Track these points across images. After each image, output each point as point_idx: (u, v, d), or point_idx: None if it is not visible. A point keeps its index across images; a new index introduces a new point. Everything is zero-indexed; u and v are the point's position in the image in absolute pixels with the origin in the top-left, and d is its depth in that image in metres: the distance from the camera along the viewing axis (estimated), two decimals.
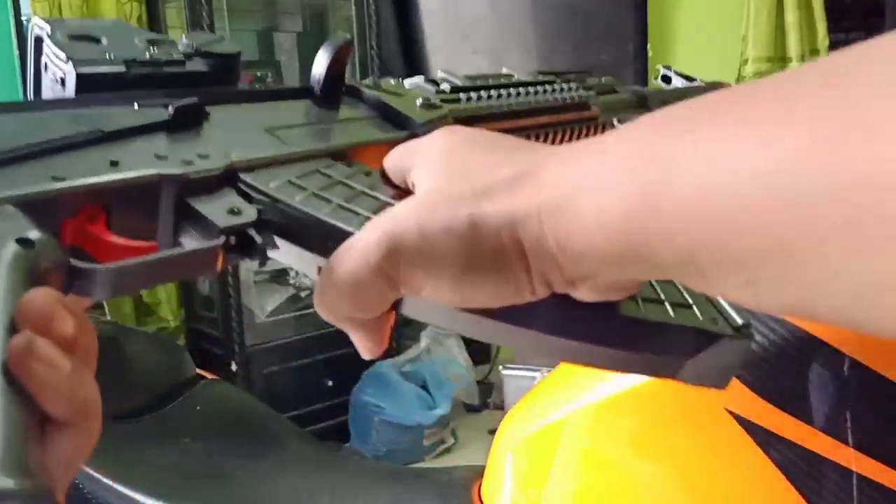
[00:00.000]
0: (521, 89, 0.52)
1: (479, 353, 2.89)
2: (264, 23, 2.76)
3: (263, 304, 2.44)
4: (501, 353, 2.98)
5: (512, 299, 0.29)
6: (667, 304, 0.31)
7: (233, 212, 0.31)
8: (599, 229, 0.26)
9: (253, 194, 0.32)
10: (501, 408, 2.67)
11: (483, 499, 0.58)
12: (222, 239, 0.30)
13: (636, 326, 0.30)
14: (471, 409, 2.72)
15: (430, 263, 0.28)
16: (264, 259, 0.31)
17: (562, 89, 0.54)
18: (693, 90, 0.81)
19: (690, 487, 0.44)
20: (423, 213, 0.29)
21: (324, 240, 0.31)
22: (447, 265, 0.28)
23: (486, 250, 0.28)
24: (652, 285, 0.31)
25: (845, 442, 0.40)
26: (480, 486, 0.60)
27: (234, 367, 2.28)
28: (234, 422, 0.89)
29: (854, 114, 0.20)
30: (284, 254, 0.32)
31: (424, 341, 2.60)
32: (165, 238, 0.31)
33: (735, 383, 0.43)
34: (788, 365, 0.42)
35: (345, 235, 0.30)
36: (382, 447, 2.31)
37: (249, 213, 0.31)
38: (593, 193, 0.26)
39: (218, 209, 0.31)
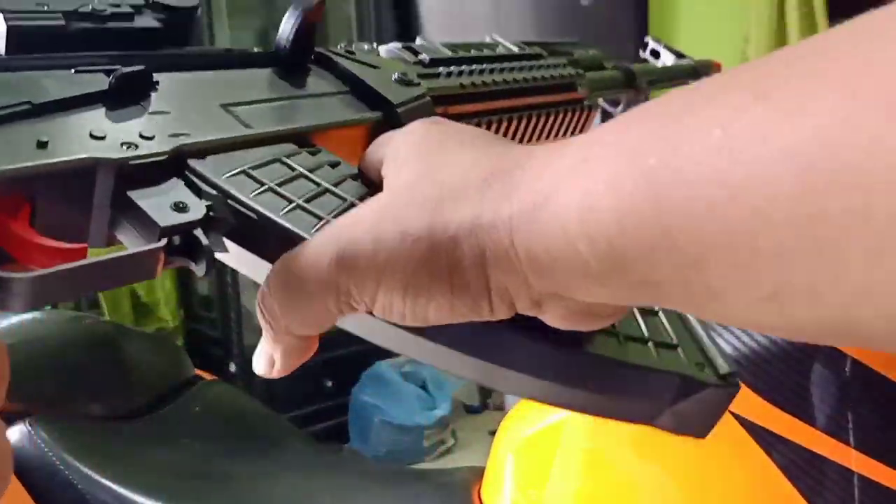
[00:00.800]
0: (506, 64, 0.47)
1: None
2: (263, 22, 2.76)
3: None
4: None
5: (467, 317, 0.25)
6: (649, 344, 0.27)
7: (178, 207, 0.26)
8: (583, 232, 0.21)
9: (203, 186, 0.28)
10: (501, 409, 2.67)
11: (483, 500, 0.58)
12: (164, 242, 0.26)
13: (610, 367, 0.26)
14: (471, 409, 2.72)
15: (381, 274, 0.25)
16: (211, 264, 0.27)
17: (548, 65, 0.51)
18: (682, 68, 0.79)
19: (691, 488, 0.44)
20: (380, 218, 0.26)
21: (279, 246, 0.27)
22: (398, 275, 0.25)
23: (441, 260, 0.24)
24: (633, 314, 0.27)
25: (846, 442, 0.40)
26: (481, 487, 0.60)
27: (232, 367, 2.27)
28: (233, 423, 0.88)
29: None
30: (234, 259, 0.28)
31: None
32: (98, 237, 0.28)
33: None
34: (790, 365, 0.42)
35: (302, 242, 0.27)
36: (382, 448, 2.31)
37: (197, 209, 0.27)
38: (578, 189, 0.22)
39: (161, 204, 0.26)
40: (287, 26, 0.36)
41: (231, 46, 1.45)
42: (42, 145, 0.26)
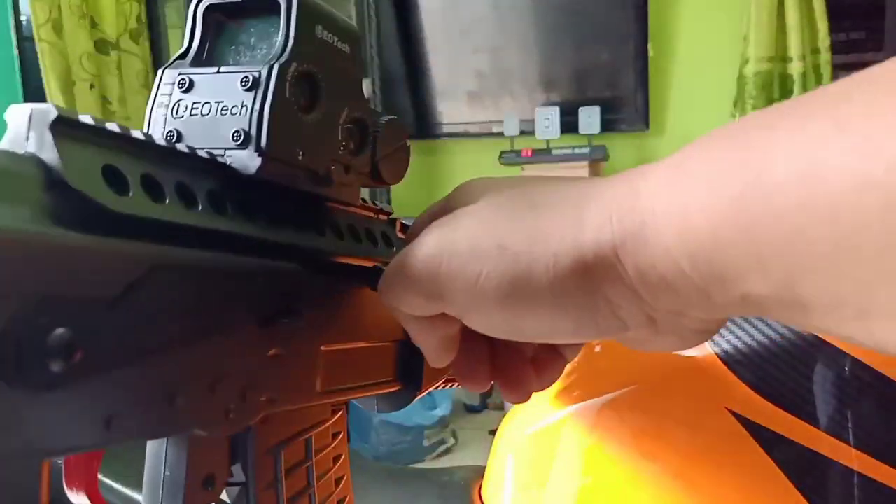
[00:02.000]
0: None
1: None
2: None
3: None
4: None
5: (570, 337, 0.26)
6: None
7: None
8: (685, 252, 0.22)
9: None
10: (501, 408, 2.67)
11: (483, 499, 0.58)
12: None
13: None
14: (471, 409, 2.72)
15: (476, 285, 0.25)
16: None
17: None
18: None
19: (692, 487, 0.44)
20: (477, 230, 0.26)
21: None
22: (493, 288, 0.25)
23: (543, 276, 0.24)
24: None
25: (847, 441, 0.40)
26: (481, 486, 0.60)
27: None
28: None
29: None
30: None
31: None
32: None
33: (736, 382, 0.43)
34: (790, 364, 0.42)
35: None
36: (382, 448, 2.31)
37: None
38: (674, 212, 0.22)
39: None
40: None
41: None
42: None
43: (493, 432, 0.61)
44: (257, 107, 0.26)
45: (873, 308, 0.19)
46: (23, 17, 2.11)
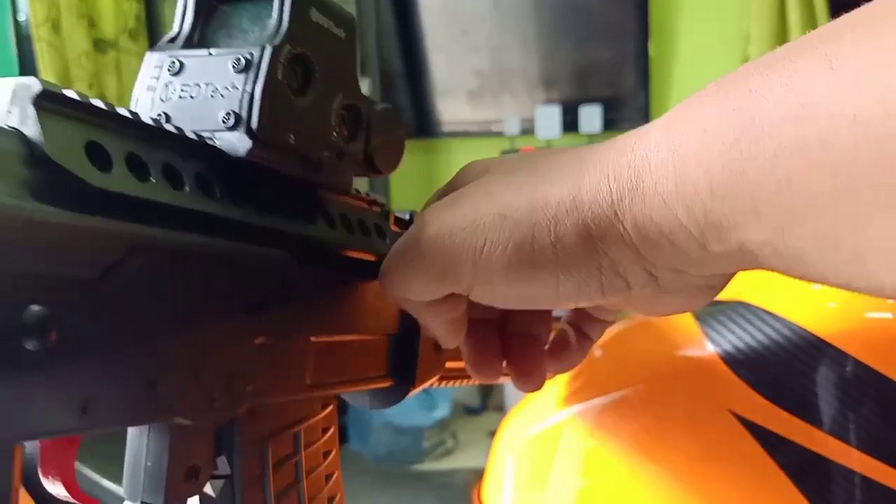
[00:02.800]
0: None
1: None
2: None
3: None
4: None
5: (574, 300, 0.26)
6: None
7: None
8: (682, 204, 0.22)
9: None
10: (501, 410, 2.67)
11: (483, 501, 0.58)
12: None
13: None
14: (471, 410, 2.72)
15: (479, 257, 0.26)
16: None
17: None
18: None
19: (692, 489, 0.43)
20: (478, 202, 0.26)
21: None
22: (498, 258, 0.25)
23: (544, 239, 0.25)
24: None
25: (848, 443, 0.39)
26: (480, 488, 0.60)
27: None
28: None
29: None
30: None
31: None
32: None
33: (737, 383, 0.42)
34: (791, 365, 0.42)
35: None
36: (382, 449, 2.31)
37: None
38: (670, 162, 0.23)
39: None
40: None
41: None
42: None
43: (492, 434, 0.61)
44: (249, 88, 0.26)
45: (869, 247, 0.19)
46: (21, 17, 2.12)
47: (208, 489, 0.28)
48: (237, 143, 0.26)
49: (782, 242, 0.21)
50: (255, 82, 0.26)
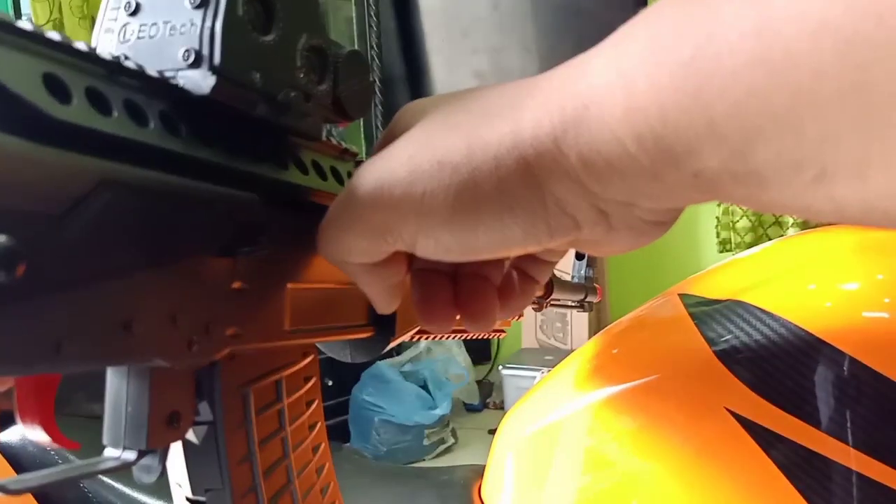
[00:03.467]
0: None
1: (479, 352, 2.89)
2: None
3: None
4: (501, 352, 2.98)
5: (522, 244, 0.25)
6: None
7: None
8: (631, 132, 0.21)
9: None
10: (501, 407, 2.67)
11: (483, 498, 0.58)
12: None
13: None
14: (471, 408, 2.72)
15: (421, 207, 0.24)
16: None
17: None
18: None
19: (690, 487, 0.44)
20: (415, 150, 0.25)
21: None
22: (439, 207, 0.24)
23: (485, 183, 0.23)
24: None
25: (845, 441, 0.40)
26: (480, 485, 0.60)
27: None
28: None
29: None
30: None
31: (424, 341, 2.60)
32: None
33: (734, 382, 0.43)
34: (788, 364, 0.42)
35: None
36: (382, 447, 2.31)
37: None
38: (619, 90, 0.21)
39: None
40: None
41: None
42: None
43: (492, 431, 0.61)
44: (208, 24, 0.25)
45: (834, 165, 0.18)
46: (24, 18, 2.12)
47: (191, 436, 0.28)
48: (201, 80, 0.25)
49: (741, 167, 0.20)
50: (214, 18, 0.25)
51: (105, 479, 0.75)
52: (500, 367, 2.57)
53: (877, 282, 0.45)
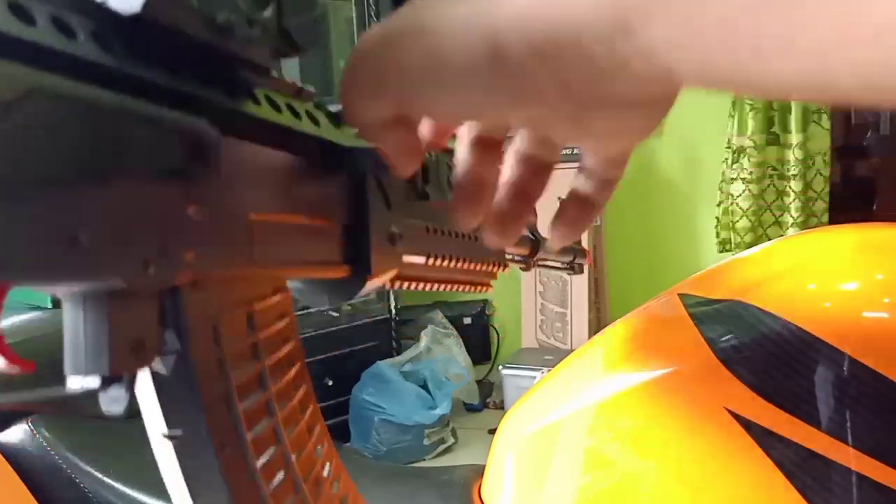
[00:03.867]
0: None
1: (479, 352, 2.89)
2: None
3: None
4: (501, 352, 2.98)
5: (492, 109, 0.28)
6: None
7: None
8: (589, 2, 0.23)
9: None
10: (501, 407, 2.67)
11: (483, 498, 0.58)
12: None
13: None
14: (471, 408, 2.72)
15: (398, 65, 0.27)
16: None
17: None
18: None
19: (690, 487, 0.44)
20: (404, 13, 0.28)
21: None
22: (414, 65, 0.27)
23: (452, 53, 0.26)
24: None
25: (845, 441, 0.40)
26: (480, 485, 0.60)
27: None
28: None
29: None
30: None
31: (424, 341, 2.60)
32: None
33: (734, 382, 0.43)
34: (788, 364, 0.42)
35: None
36: (382, 447, 2.31)
37: None
38: None
39: None
40: None
41: None
42: None
43: (492, 431, 0.61)
44: None
45: (765, 38, 0.19)
46: None
47: (160, 367, 0.28)
48: None
49: (688, 42, 0.21)
50: None
51: (105, 479, 0.75)
52: (500, 367, 2.57)
53: (877, 282, 0.45)
